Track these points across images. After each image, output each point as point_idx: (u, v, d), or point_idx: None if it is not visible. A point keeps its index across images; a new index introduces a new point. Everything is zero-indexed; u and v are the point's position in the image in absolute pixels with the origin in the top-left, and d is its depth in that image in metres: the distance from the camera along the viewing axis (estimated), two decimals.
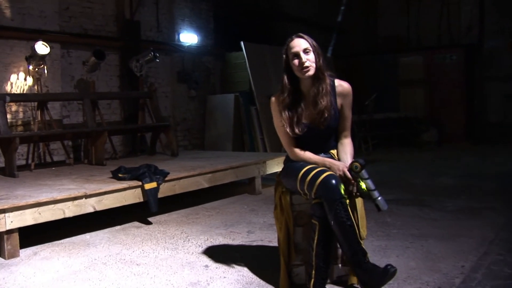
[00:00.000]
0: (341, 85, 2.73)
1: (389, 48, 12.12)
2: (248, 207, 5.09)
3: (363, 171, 2.46)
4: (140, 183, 4.38)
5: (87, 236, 4.17)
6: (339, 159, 2.69)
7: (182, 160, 6.13)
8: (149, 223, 4.55)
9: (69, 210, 3.89)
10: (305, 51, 2.60)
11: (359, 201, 2.60)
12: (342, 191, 2.41)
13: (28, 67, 6.16)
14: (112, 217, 4.58)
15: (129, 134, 7.57)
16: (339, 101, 2.71)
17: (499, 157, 8.40)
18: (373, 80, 11.16)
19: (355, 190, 2.50)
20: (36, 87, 6.32)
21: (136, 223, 4.55)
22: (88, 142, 6.23)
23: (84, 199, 3.99)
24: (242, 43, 8.62)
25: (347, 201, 2.42)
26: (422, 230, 3.86)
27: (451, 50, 11.00)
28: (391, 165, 7.89)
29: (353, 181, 2.48)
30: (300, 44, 2.62)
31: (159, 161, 6.04)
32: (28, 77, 6.34)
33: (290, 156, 2.77)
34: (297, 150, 2.72)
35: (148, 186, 4.39)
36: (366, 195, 2.48)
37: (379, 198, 2.45)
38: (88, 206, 4.03)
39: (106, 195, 4.16)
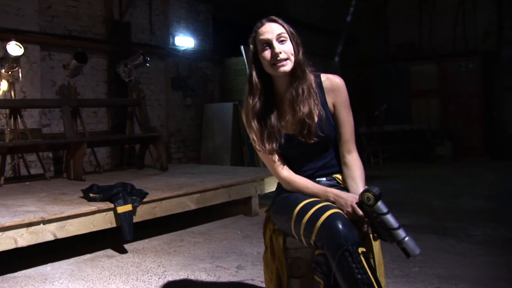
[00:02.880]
0: (329, 78, 2.03)
1: (401, 56, 11.47)
2: (241, 232, 4.40)
3: (379, 204, 1.75)
4: (112, 205, 3.73)
5: (47, 267, 3.51)
6: (346, 188, 1.98)
7: (170, 176, 5.48)
8: (124, 251, 3.87)
9: (23, 238, 3.23)
10: (280, 39, 1.91)
11: (375, 244, 1.90)
12: (354, 235, 1.71)
13: (0, 70, 5.52)
14: (84, 241, 3.92)
15: (116, 146, 6.93)
16: (330, 100, 2.02)
17: None
18: (383, 89, 10.54)
19: (370, 232, 1.80)
20: (11, 92, 5.69)
21: (109, 251, 3.88)
22: (67, 154, 5.62)
23: (41, 225, 3.32)
24: (242, 47, 7.95)
25: (362, 249, 1.72)
26: (449, 270, 3.14)
27: (467, 58, 10.32)
28: (404, 182, 7.16)
29: (366, 219, 1.78)
30: (272, 29, 1.92)
31: (146, 176, 5.47)
32: (2, 81, 5.71)
33: (282, 185, 2.07)
34: (289, 176, 2.02)
35: (121, 209, 3.71)
36: (387, 237, 1.76)
37: (406, 239, 1.73)
38: (47, 233, 3.36)
39: (70, 220, 3.49)
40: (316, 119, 1.94)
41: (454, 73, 10.38)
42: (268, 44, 1.91)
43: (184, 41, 8.12)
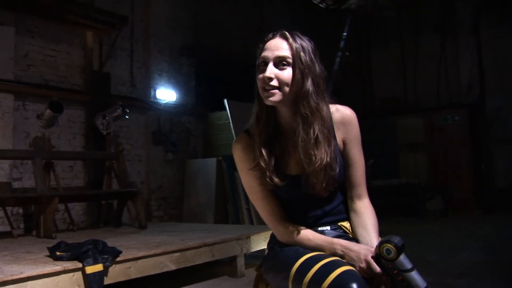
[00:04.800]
0: (339, 110, 1.68)
1: (386, 111, 11.41)
2: None
3: (402, 258, 1.40)
4: (80, 264, 3.30)
5: None
6: (355, 239, 1.62)
7: (149, 234, 5.06)
8: None
9: None
10: (280, 62, 1.56)
11: None
12: None
13: None
14: None
15: (92, 202, 6.51)
16: (339, 135, 1.67)
17: None
18: (370, 144, 10.29)
19: None
20: None
21: None
22: (37, 210, 5.21)
23: None
24: (225, 101, 7.75)
25: None
26: None
27: (453, 110, 10.30)
28: None
29: (385, 277, 1.43)
30: (276, 47, 1.57)
31: (122, 234, 5.07)
32: None
33: (277, 236, 1.70)
34: (287, 226, 1.65)
35: (90, 269, 3.28)
36: None
37: None
38: None
39: (31, 282, 3.04)
40: (337, 167, 1.60)
41: (441, 126, 10.32)
42: (265, 63, 1.58)
43: (166, 94, 7.89)
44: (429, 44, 11.18)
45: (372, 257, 1.43)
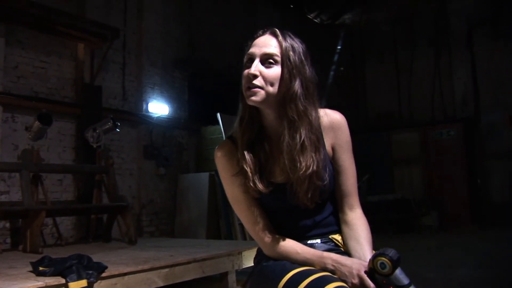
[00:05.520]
0: (328, 114, 1.57)
1: (381, 125, 11.36)
2: None
3: (398, 273, 1.30)
4: (64, 280, 3.17)
5: None
6: (347, 253, 1.51)
7: (138, 250, 4.94)
8: None
9: None
10: (266, 59, 1.46)
11: None
12: None
13: None
14: None
15: (81, 216, 6.36)
16: (328, 141, 1.56)
17: None
18: (364, 159, 10.23)
19: None
20: None
21: None
22: (24, 224, 5.09)
23: None
24: (218, 115, 7.66)
25: None
26: None
27: (448, 125, 10.26)
28: None
29: None
30: (264, 44, 1.48)
31: (111, 250, 4.95)
32: None
33: (263, 249, 1.58)
34: (273, 238, 1.53)
35: (74, 285, 3.14)
36: None
37: None
38: None
39: None
40: (326, 177, 1.49)
41: (436, 140, 10.27)
42: (251, 60, 1.48)
43: (158, 108, 7.79)
44: (423, 59, 11.19)
45: (366, 272, 1.33)
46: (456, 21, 10.78)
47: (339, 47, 9.53)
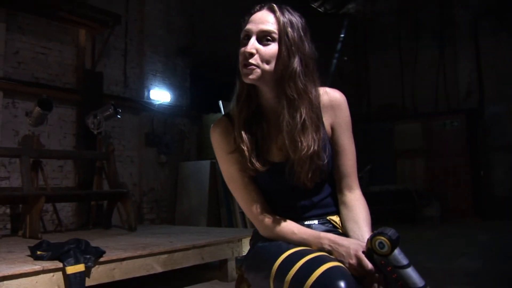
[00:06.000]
0: (327, 93, 1.53)
1: (383, 116, 11.28)
2: None
3: (397, 253, 1.26)
4: (61, 264, 3.15)
5: None
6: (345, 234, 1.47)
7: (137, 236, 4.92)
8: None
9: None
10: (263, 36, 1.42)
11: None
12: None
13: None
14: None
15: (80, 203, 6.35)
16: (327, 120, 1.52)
17: None
18: (367, 150, 10.22)
19: None
20: None
21: None
22: (24, 210, 5.09)
23: None
24: (220, 102, 7.61)
25: None
26: None
27: (451, 116, 10.15)
28: None
29: (377, 274, 1.27)
30: (262, 20, 1.43)
31: (110, 236, 4.94)
32: None
33: (259, 229, 1.54)
34: (269, 218, 1.49)
35: (71, 269, 3.14)
36: None
37: None
38: None
39: (6, 282, 2.89)
40: (325, 157, 1.46)
41: (439, 131, 10.18)
42: (248, 37, 1.44)
43: (160, 95, 7.74)
44: (427, 50, 11.08)
45: (363, 253, 1.29)
46: (461, 12, 10.67)
47: (342, 35, 9.43)
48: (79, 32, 6.65)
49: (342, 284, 1.19)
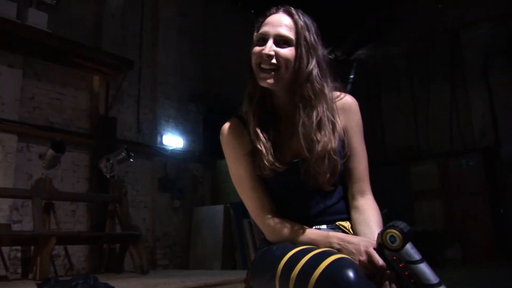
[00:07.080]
0: (339, 97, 1.52)
1: (399, 159, 11.16)
2: None
3: (409, 247, 1.19)
4: None
5: None
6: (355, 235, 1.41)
7: (149, 278, 4.82)
8: None
9: None
10: (281, 39, 1.40)
11: None
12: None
13: None
14: None
15: (92, 246, 6.28)
16: (340, 123, 1.49)
17: None
18: (383, 193, 10.01)
19: None
20: None
21: None
22: (34, 251, 5.05)
23: None
24: None
25: None
26: None
27: (467, 155, 10.01)
28: None
29: (389, 271, 1.19)
30: (279, 23, 1.41)
31: (122, 278, 4.81)
32: None
33: (266, 233, 1.47)
34: (278, 221, 1.43)
35: None
36: None
37: None
38: None
39: None
40: (343, 155, 1.45)
41: (456, 171, 10.00)
42: (264, 39, 1.42)
43: (173, 140, 7.79)
44: (439, 91, 11.07)
45: (374, 249, 1.22)
46: (470, 52, 10.72)
47: (351, 76, 9.48)
48: (93, 78, 6.81)
49: (350, 273, 1.12)
